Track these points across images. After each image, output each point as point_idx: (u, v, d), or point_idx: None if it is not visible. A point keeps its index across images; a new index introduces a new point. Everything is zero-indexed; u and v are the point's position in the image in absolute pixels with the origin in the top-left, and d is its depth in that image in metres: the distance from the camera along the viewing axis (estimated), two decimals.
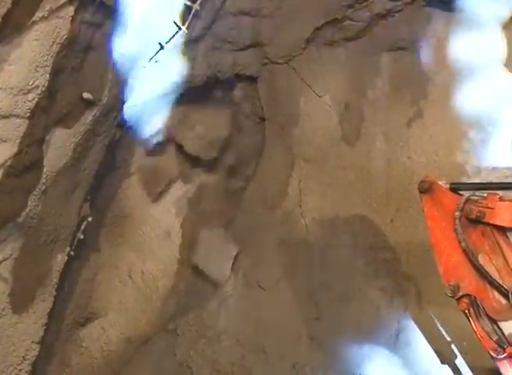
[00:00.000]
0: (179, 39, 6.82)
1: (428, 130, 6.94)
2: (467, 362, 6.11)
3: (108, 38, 6.12)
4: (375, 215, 6.98)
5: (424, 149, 6.92)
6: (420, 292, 6.66)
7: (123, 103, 6.71)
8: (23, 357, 6.19)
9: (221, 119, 7.78)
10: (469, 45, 6.80)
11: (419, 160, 6.90)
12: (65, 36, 5.53)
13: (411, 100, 7.06)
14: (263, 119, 7.75)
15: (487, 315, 3.98)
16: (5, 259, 5.84)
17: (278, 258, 7.20)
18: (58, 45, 5.51)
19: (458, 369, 6.19)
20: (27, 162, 5.66)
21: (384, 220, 6.95)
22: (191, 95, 7.39)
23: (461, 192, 4.22)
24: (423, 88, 7.01)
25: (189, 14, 6.74)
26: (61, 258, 6.50)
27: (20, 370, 6.17)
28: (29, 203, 5.87)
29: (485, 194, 4.04)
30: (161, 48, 6.72)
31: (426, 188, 4.28)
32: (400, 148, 7.01)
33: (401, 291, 6.77)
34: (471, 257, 4.01)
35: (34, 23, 5.28)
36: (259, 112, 7.77)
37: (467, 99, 6.74)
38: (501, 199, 3.96)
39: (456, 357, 6.21)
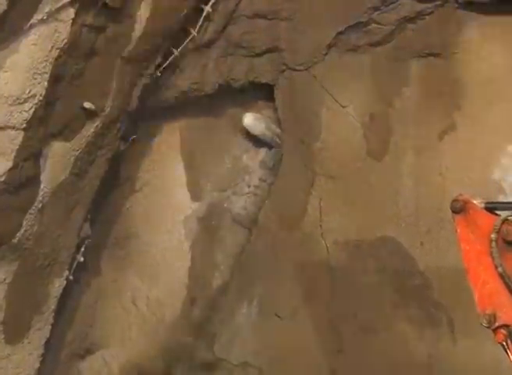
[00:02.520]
0: (190, 44, 6.85)
1: (461, 143, 6.94)
2: None
3: (111, 43, 6.15)
4: (403, 237, 6.98)
5: (458, 165, 6.91)
6: (453, 322, 6.65)
7: (128, 114, 6.73)
8: None
9: None
10: (507, 51, 6.78)
11: (452, 177, 6.90)
12: (66, 40, 5.56)
13: (443, 111, 7.05)
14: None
15: None
16: None
17: (296, 284, 7.20)
18: (58, 50, 5.54)
19: None
20: (23, 178, 5.69)
21: (413, 243, 6.94)
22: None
23: (498, 212, 4.18)
24: (456, 98, 7.00)
25: (200, 17, 6.78)
26: (59, 283, 6.55)
27: None
28: (24, 223, 5.90)
29: None
30: (171, 54, 6.76)
31: (459, 208, 4.23)
32: (431, 164, 7.00)
33: (432, 321, 6.75)
34: (508, 283, 3.96)
35: (32, 26, 5.33)
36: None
37: (506, 110, 6.70)
38: None
39: None
